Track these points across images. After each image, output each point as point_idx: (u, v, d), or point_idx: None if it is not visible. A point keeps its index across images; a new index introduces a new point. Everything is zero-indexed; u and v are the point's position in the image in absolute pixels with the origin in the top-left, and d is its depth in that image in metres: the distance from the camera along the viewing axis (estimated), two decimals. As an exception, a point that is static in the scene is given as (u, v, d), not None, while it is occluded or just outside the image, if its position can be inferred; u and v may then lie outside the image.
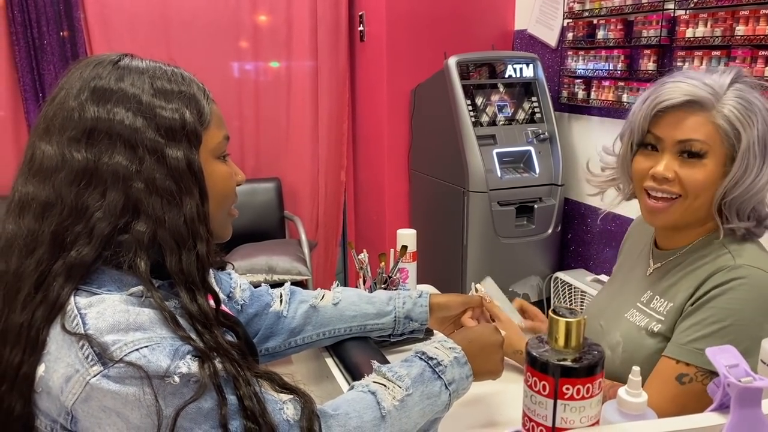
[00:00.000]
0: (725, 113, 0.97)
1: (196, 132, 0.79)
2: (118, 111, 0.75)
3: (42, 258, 0.73)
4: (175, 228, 0.75)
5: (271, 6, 3.21)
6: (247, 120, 3.31)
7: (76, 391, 0.68)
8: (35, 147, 0.77)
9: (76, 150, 0.74)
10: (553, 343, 0.63)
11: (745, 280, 0.96)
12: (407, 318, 1.19)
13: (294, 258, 2.91)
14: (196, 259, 0.76)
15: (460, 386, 0.92)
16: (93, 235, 0.72)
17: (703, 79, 1.00)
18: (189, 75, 0.83)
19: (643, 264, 1.16)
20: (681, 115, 1.00)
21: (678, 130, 1.00)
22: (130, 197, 0.74)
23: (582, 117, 2.73)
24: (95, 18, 2.92)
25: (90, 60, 0.80)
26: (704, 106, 0.98)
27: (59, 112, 0.76)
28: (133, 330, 0.69)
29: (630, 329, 1.08)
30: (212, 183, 0.81)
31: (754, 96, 1.00)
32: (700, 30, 2.06)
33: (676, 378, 0.95)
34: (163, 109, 0.77)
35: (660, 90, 1.02)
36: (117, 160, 0.74)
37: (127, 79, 0.77)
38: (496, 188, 2.60)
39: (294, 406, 0.78)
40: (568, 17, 2.69)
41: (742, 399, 0.62)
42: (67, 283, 0.72)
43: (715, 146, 0.99)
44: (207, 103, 0.82)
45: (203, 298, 0.77)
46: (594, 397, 0.62)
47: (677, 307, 1.02)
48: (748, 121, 0.97)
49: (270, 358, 1.16)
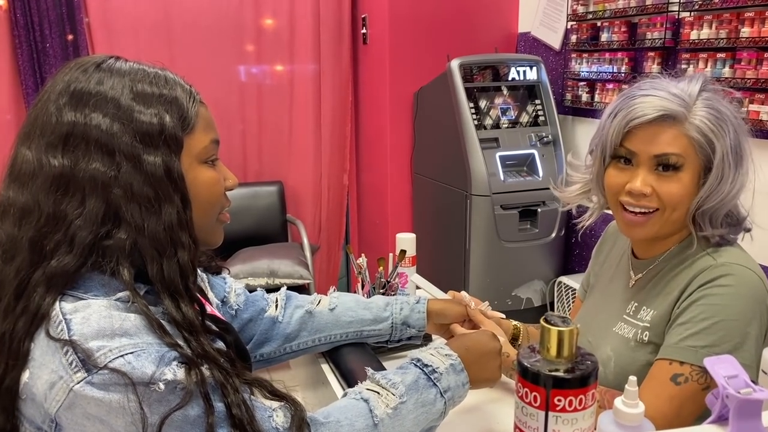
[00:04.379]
0: (697, 125, 0.98)
1: (176, 137, 0.77)
2: (94, 116, 0.74)
3: (22, 265, 0.72)
4: (155, 236, 0.74)
5: (274, 9, 3.21)
6: (249, 123, 3.31)
7: (60, 398, 0.67)
8: (17, 151, 0.76)
9: (53, 156, 0.73)
10: (544, 352, 0.61)
11: (730, 276, 0.96)
12: (404, 324, 1.18)
13: (296, 262, 2.91)
14: (177, 266, 0.75)
15: (456, 394, 0.91)
16: (74, 244, 0.71)
17: (671, 90, 0.99)
18: (174, 77, 0.81)
19: (623, 275, 1.16)
20: (654, 130, 0.99)
21: (653, 144, 0.99)
22: (111, 204, 0.73)
23: (586, 120, 2.71)
24: (98, 21, 2.93)
25: (75, 62, 0.79)
26: (676, 119, 0.98)
27: (40, 116, 0.75)
28: (119, 336, 0.68)
29: (620, 343, 1.07)
30: (196, 189, 0.80)
31: (722, 104, 1.00)
32: (705, 32, 2.04)
33: (671, 379, 0.94)
34: (141, 114, 0.75)
35: (630, 104, 1.00)
36: (94, 167, 0.73)
37: (107, 82, 0.76)
38: (499, 192, 2.59)
39: (284, 414, 0.77)
40: (571, 20, 2.67)
41: (742, 411, 0.60)
42: (48, 293, 0.70)
43: (689, 158, 0.99)
44: (192, 106, 0.80)
45: (187, 305, 0.75)
46: (587, 408, 0.61)
47: (662, 314, 1.02)
48: (721, 132, 0.97)
49: (265, 363, 1.15)
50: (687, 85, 1.00)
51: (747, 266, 0.98)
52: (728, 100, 1.02)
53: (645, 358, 1.02)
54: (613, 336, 1.09)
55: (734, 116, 1.00)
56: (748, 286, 0.96)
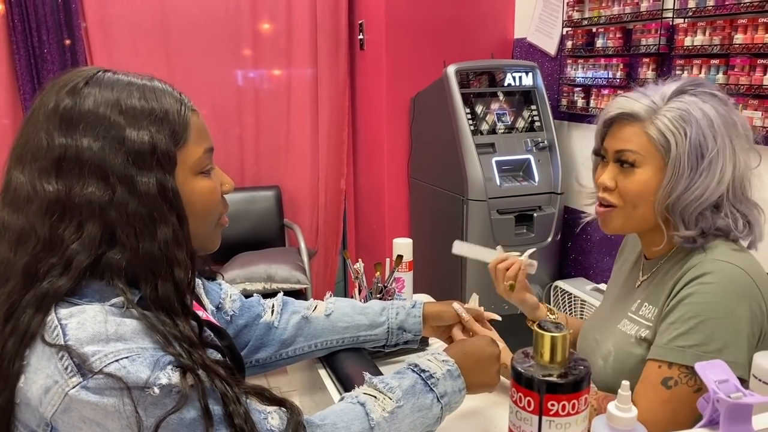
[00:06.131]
0: (657, 124, 1.01)
1: (169, 154, 0.76)
2: (85, 140, 0.73)
3: (14, 290, 0.72)
4: (149, 257, 0.74)
5: (271, 14, 3.22)
6: (247, 127, 3.31)
7: (56, 403, 0.67)
8: (10, 173, 0.75)
9: (47, 181, 0.73)
10: (538, 358, 0.62)
11: (715, 274, 0.97)
12: (400, 329, 1.18)
13: (293, 266, 2.91)
14: (173, 285, 0.75)
15: (453, 399, 0.91)
16: (71, 267, 0.71)
17: (647, 92, 1.04)
18: (163, 87, 0.80)
19: (634, 276, 1.18)
20: (619, 128, 1.05)
21: (615, 141, 1.06)
22: (107, 227, 0.73)
23: (581, 125, 2.72)
24: (96, 27, 2.92)
25: (63, 79, 0.77)
26: (638, 118, 1.03)
27: (30, 139, 0.75)
28: (114, 341, 0.69)
29: (621, 338, 1.09)
30: (192, 201, 0.79)
31: (701, 107, 0.99)
32: (699, 38, 2.05)
33: (662, 383, 0.95)
34: (132, 134, 0.74)
35: (608, 105, 1.09)
36: (90, 191, 0.72)
37: (95, 102, 0.74)
38: (495, 196, 2.59)
39: (279, 416, 0.78)
40: (567, 25, 2.69)
41: (732, 415, 0.61)
42: (38, 313, 0.70)
43: (649, 156, 1.02)
44: (183, 119, 0.79)
45: (184, 322, 0.75)
46: (580, 413, 0.62)
47: (660, 310, 1.03)
48: (680, 131, 0.99)
49: (261, 369, 1.15)
50: (668, 87, 1.03)
51: (732, 262, 0.98)
52: (724, 105, 1.01)
53: (642, 354, 1.03)
54: (616, 332, 1.11)
55: (709, 120, 0.98)
56: (734, 282, 0.96)
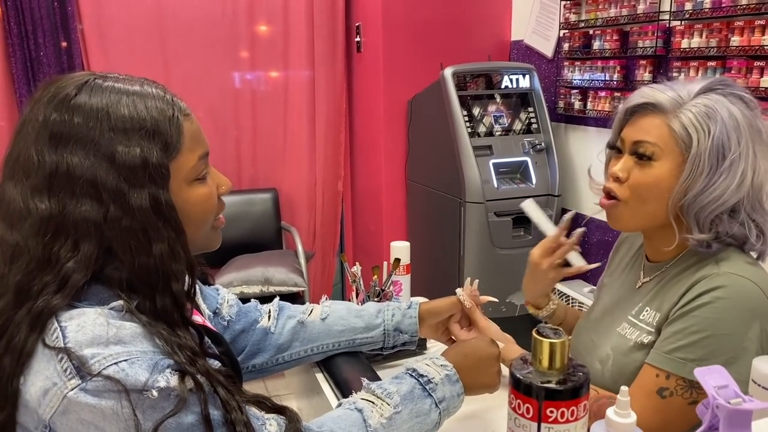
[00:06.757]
0: (681, 118, 0.96)
1: (161, 167, 0.74)
2: (75, 157, 0.72)
3: (6, 307, 0.71)
4: (146, 272, 0.73)
5: (268, 16, 3.21)
6: (244, 130, 3.30)
7: (54, 405, 0.67)
8: (3, 188, 0.75)
9: (39, 199, 0.72)
10: (536, 364, 0.62)
11: (727, 288, 0.93)
12: (397, 330, 1.18)
13: (290, 269, 2.90)
14: (171, 298, 0.74)
15: (451, 405, 0.91)
16: (67, 286, 0.70)
17: (673, 87, 1.00)
18: (155, 92, 0.77)
19: (633, 277, 1.15)
20: (641, 118, 1.01)
21: (634, 130, 1.01)
22: (102, 244, 0.72)
23: (578, 127, 2.73)
24: (92, 29, 2.91)
25: (54, 88, 0.75)
26: (662, 110, 0.98)
27: (22, 153, 0.74)
28: (113, 343, 0.69)
29: (620, 343, 1.07)
30: (188, 210, 0.79)
31: (728, 107, 0.96)
32: (696, 41, 2.06)
33: (657, 392, 0.94)
34: (123, 149, 0.72)
35: (630, 95, 1.04)
36: (84, 209, 0.71)
37: (85, 116, 0.73)
38: (492, 199, 2.59)
39: (277, 423, 0.77)
40: (564, 28, 2.69)
41: (731, 421, 0.61)
42: (32, 332, 0.69)
43: (667, 150, 0.97)
44: (175, 127, 0.77)
45: (184, 332, 0.75)
46: (579, 420, 0.61)
47: (664, 316, 1.01)
48: (704, 128, 0.95)
49: (258, 374, 1.15)
50: (697, 83, 0.99)
51: (746, 276, 0.94)
52: (750, 110, 0.97)
53: (642, 359, 1.01)
54: (615, 336, 1.09)
55: (735, 121, 0.95)
56: (745, 298, 0.93)
